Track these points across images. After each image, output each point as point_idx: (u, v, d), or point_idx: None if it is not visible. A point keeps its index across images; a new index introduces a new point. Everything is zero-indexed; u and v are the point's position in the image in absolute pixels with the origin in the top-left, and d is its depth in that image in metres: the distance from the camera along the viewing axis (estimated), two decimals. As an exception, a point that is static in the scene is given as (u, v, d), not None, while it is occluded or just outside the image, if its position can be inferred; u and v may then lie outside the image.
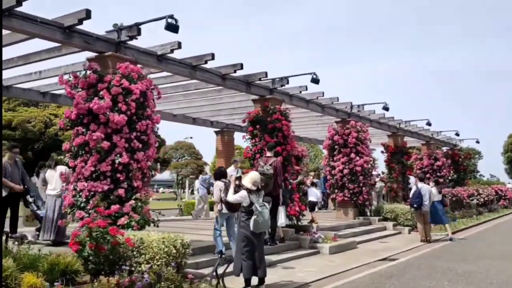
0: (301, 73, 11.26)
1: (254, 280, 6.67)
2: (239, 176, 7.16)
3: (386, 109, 14.91)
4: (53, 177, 8.72)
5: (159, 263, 6.26)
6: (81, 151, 7.49)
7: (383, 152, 19.50)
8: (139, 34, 7.85)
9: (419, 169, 21.04)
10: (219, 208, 8.06)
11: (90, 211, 7.05)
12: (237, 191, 6.81)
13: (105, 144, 7.25)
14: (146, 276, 5.80)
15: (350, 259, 9.43)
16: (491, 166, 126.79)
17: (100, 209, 6.12)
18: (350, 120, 15.11)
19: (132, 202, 7.26)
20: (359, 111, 15.44)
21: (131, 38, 7.90)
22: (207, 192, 15.65)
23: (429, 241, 12.32)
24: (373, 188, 17.48)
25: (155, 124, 7.94)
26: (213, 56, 9.24)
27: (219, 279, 5.96)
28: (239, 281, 6.63)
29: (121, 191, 7.29)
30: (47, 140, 34.96)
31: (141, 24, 7.78)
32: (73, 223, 7.44)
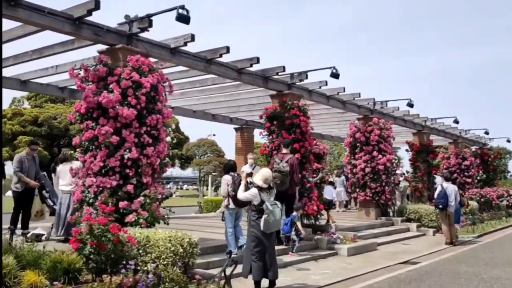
0: (320, 68, 10.89)
1: (264, 282, 6.38)
2: (250, 172, 6.86)
3: (410, 105, 14.37)
4: (66, 172, 8.61)
5: (165, 262, 6.04)
6: (91, 146, 7.33)
7: (407, 150, 18.94)
8: (151, 26, 7.64)
9: (446, 169, 20.35)
10: (225, 203, 7.81)
11: (98, 208, 6.89)
12: (248, 189, 6.52)
13: (114, 138, 7.06)
14: (150, 276, 5.57)
15: (368, 262, 9.03)
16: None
17: (102, 205, 5.91)
18: (372, 117, 14.64)
19: (141, 198, 7.05)
20: (382, 108, 14.93)
21: (143, 30, 7.69)
22: None
23: (454, 244, 11.79)
24: (397, 187, 17.00)
25: (166, 118, 7.71)
26: (228, 49, 8.96)
27: (226, 281, 5.68)
28: (249, 283, 6.35)
29: (130, 187, 7.09)
30: (72, 136, 35.41)
31: (152, 15, 7.56)
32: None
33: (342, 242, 10.00)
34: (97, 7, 6.84)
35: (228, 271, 6.04)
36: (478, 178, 21.97)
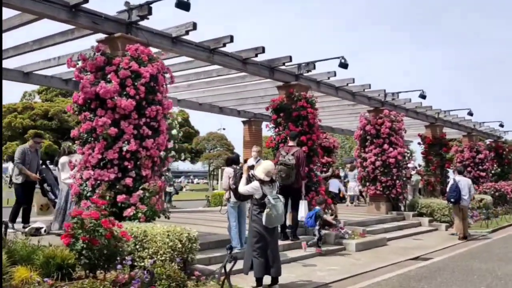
0: (328, 58, 10.56)
1: (266, 279, 6.12)
2: (251, 165, 6.59)
3: (423, 97, 13.94)
4: (66, 165, 8.44)
5: (163, 258, 5.81)
6: (90, 138, 7.12)
7: (420, 143, 18.50)
8: (150, 13, 7.38)
9: (460, 162, 19.86)
10: (226, 196, 7.57)
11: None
12: (250, 182, 6.25)
13: (112, 130, 6.83)
14: (147, 272, 5.35)
15: (378, 258, 8.73)
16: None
17: (94, 199, 5.68)
18: (383, 109, 14.25)
19: (139, 192, 6.82)
20: (393, 100, 14.52)
21: (142, 18, 7.43)
22: None
23: (466, 238, 11.45)
24: (409, 181, 16.61)
25: (167, 110, 7.46)
26: (231, 38, 8.68)
27: (225, 278, 5.43)
28: (251, 279, 6.09)
29: (129, 181, 6.86)
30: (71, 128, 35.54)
31: (151, 2, 7.30)
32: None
33: (350, 237, 9.70)
34: (93, -7, 6.62)
35: (228, 267, 5.79)
36: (492, 171, 21.42)
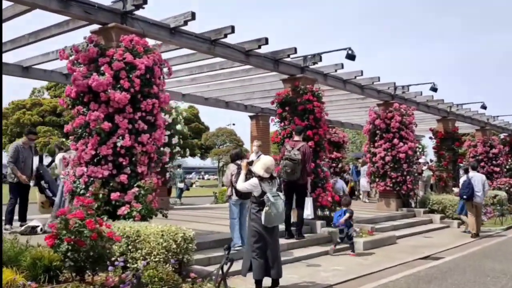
0: (334, 49, 10.17)
1: (267, 281, 5.80)
2: (250, 161, 6.25)
3: (434, 90, 13.46)
4: (62, 162, 8.19)
5: (156, 259, 5.50)
6: (84, 133, 6.83)
7: (431, 138, 18.01)
8: (145, 2, 7.06)
9: (473, 157, 19.32)
10: (228, 193, 7.26)
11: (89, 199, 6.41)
12: (249, 178, 5.92)
13: (106, 125, 6.53)
14: (133, 277, 5.06)
15: (386, 257, 8.37)
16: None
17: (80, 197, 5.39)
18: (393, 102, 13.82)
19: (135, 189, 6.52)
20: (403, 93, 14.07)
21: (137, 7, 7.11)
22: None
23: (478, 235, 11.05)
24: (420, 177, 16.18)
25: (164, 103, 7.14)
26: (233, 29, 8.34)
27: (221, 280, 5.12)
28: (251, 281, 5.77)
29: (123, 178, 6.57)
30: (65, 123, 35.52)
31: (146, -9, 6.98)
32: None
33: (358, 235, 9.32)
34: (85, -19, 6.31)
35: (225, 269, 5.48)
36: (507, 167, 20.83)
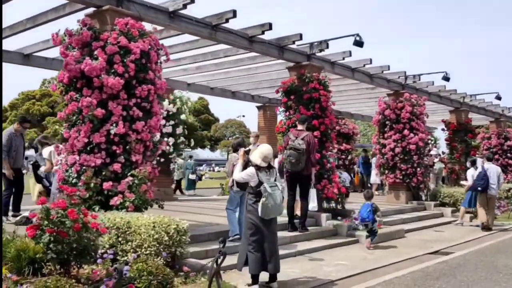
0: (341, 36, 9.78)
1: (265, 275, 5.50)
2: (247, 149, 5.95)
3: (446, 79, 13.00)
4: (53, 154, 7.97)
5: (147, 252, 5.26)
6: (78, 121, 6.58)
7: (443, 130, 17.54)
8: (141, -17, 6.77)
9: (487, 149, 18.78)
10: (230, 184, 6.98)
11: (81, 188, 6.18)
12: (246, 168, 5.62)
13: (99, 111, 6.28)
14: (126, 268, 4.80)
15: (393, 251, 8.04)
16: None
17: (63, 186, 5.14)
18: (404, 92, 13.40)
19: (128, 179, 6.27)
20: (414, 82, 13.62)
21: (133, -11, 6.83)
22: None
23: (491, 230, 10.66)
24: (431, 169, 15.76)
25: (160, 90, 6.86)
26: (234, 13, 8.01)
27: (213, 274, 4.84)
28: (248, 276, 5.48)
29: (117, 166, 6.32)
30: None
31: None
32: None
33: (364, 228, 8.98)
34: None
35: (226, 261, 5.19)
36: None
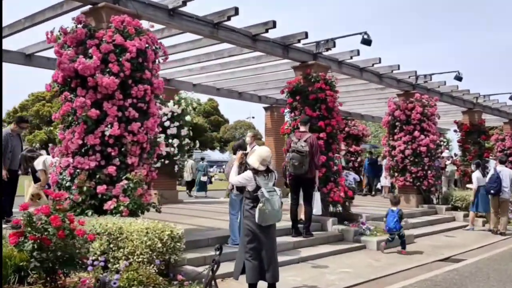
0: (349, 34, 9.46)
1: (264, 284, 5.22)
2: (246, 152, 5.68)
3: (459, 79, 12.60)
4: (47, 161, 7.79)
5: (140, 259, 5.00)
6: (73, 122, 6.37)
7: (456, 131, 17.11)
8: (138, -21, 6.55)
9: (501, 151, 18.32)
10: (229, 187, 6.72)
11: (74, 192, 5.98)
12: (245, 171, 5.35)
13: (93, 112, 6.06)
14: (117, 277, 4.57)
15: (401, 258, 7.72)
16: None
17: (47, 190, 4.91)
18: (414, 92, 13.04)
19: (124, 182, 6.04)
20: (425, 82, 13.24)
21: (130, -14, 6.61)
22: None
23: (505, 235, 10.32)
24: (443, 172, 15.37)
25: (157, 90, 6.62)
26: (236, 10, 7.76)
27: (207, 283, 4.58)
28: (246, 285, 5.21)
29: (112, 169, 6.09)
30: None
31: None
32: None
33: (371, 233, 8.68)
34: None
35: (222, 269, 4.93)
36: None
